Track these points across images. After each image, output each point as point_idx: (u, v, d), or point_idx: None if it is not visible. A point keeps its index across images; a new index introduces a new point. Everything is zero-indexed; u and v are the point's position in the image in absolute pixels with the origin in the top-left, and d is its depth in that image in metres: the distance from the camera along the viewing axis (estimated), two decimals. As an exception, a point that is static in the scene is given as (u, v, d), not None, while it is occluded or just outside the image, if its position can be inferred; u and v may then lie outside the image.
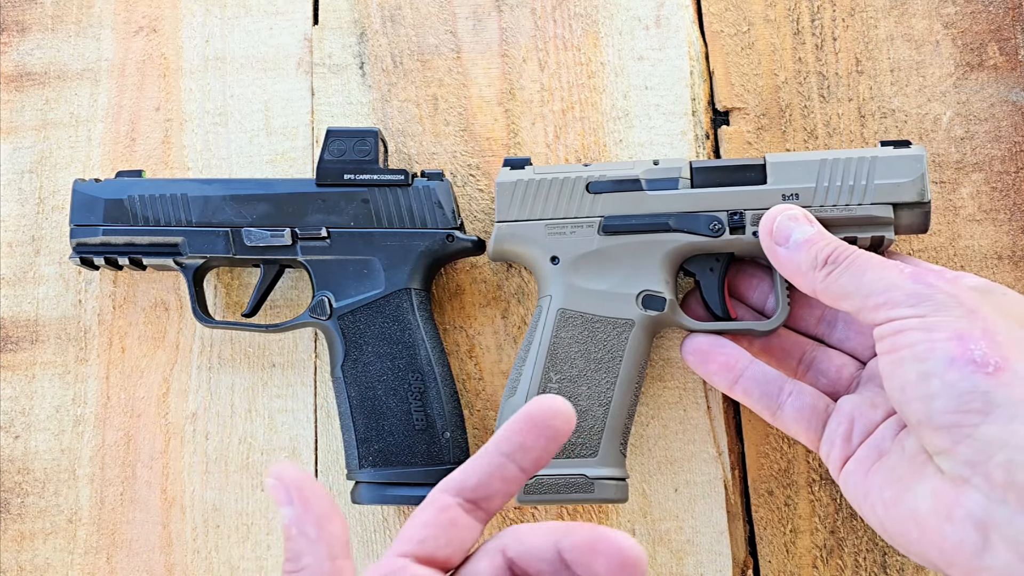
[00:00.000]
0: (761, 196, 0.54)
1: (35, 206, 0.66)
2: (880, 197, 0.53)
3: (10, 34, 0.69)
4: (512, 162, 0.57)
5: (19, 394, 0.63)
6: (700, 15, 0.66)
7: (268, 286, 0.60)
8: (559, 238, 0.55)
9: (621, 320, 0.54)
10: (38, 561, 0.60)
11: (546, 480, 0.52)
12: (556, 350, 0.54)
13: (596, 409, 0.53)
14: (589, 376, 0.53)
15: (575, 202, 0.55)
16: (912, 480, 0.44)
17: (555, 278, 0.55)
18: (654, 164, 0.56)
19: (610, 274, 0.54)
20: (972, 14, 0.65)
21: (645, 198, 0.55)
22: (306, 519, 0.37)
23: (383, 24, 0.67)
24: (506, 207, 0.56)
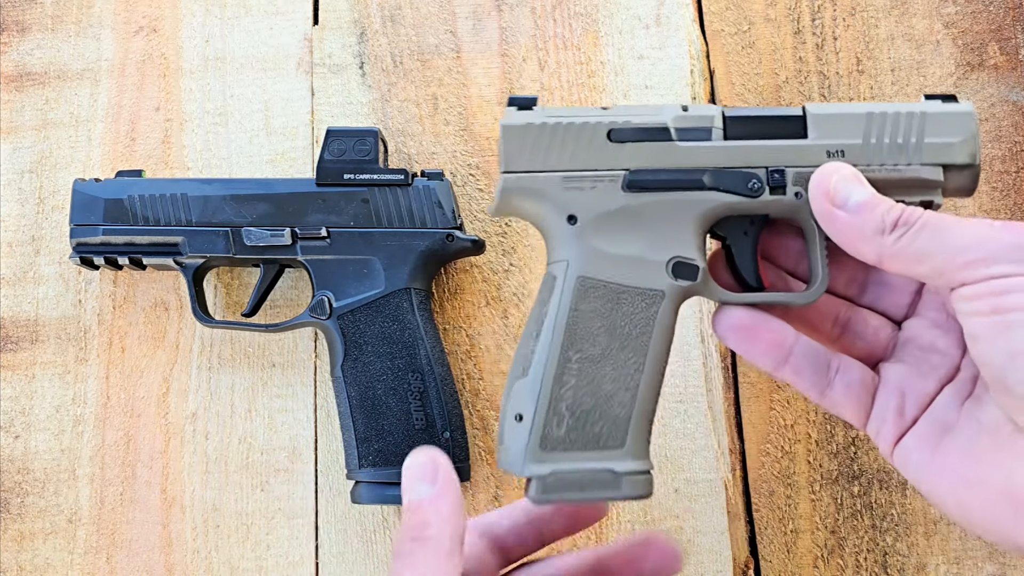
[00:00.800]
0: (804, 152, 0.48)
1: (35, 206, 0.66)
2: (931, 157, 0.47)
3: (10, 34, 0.69)
4: (518, 101, 0.49)
5: (19, 394, 0.63)
6: (700, 14, 0.66)
7: (268, 286, 0.60)
8: (577, 193, 0.47)
9: (651, 291, 0.47)
10: (38, 561, 0.60)
11: (568, 476, 0.45)
12: (576, 325, 0.46)
13: (623, 394, 0.46)
14: (614, 356, 0.46)
15: (595, 151, 0.48)
16: (1003, 457, 0.41)
17: (573, 240, 0.47)
18: (683, 110, 0.48)
19: (636, 237, 0.47)
20: (972, 14, 0.65)
21: (675, 149, 0.48)
22: (445, 498, 0.41)
23: (383, 24, 0.67)
24: (515, 155, 0.48)
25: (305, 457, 0.61)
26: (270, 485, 0.61)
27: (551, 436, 0.45)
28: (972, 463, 0.42)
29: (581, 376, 0.46)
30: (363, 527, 0.60)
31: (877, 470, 0.59)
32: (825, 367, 0.48)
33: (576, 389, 0.45)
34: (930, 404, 0.46)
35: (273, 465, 0.61)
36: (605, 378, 0.46)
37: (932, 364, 0.47)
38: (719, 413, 0.60)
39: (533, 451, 0.45)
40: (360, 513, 0.60)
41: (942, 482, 0.43)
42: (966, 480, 0.42)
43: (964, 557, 0.58)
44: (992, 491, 0.40)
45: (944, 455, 0.43)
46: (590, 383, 0.46)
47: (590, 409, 0.45)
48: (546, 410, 0.45)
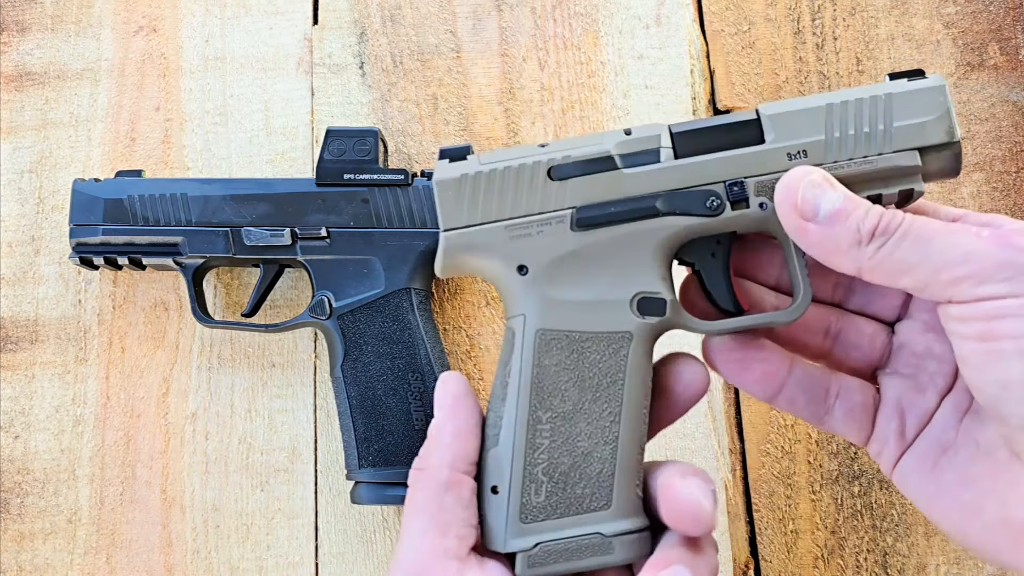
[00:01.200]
0: (763, 158, 0.44)
1: (35, 206, 0.66)
2: (904, 142, 0.43)
3: (10, 34, 0.69)
4: (449, 152, 0.45)
5: (19, 394, 0.63)
6: (701, 14, 0.66)
7: (268, 286, 0.60)
8: (524, 241, 0.44)
9: (617, 334, 0.43)
10: (38, 561, 0.60)
11: (554, 546, 0.42)
12: (541, 382, 0.43)
13: (601, 449, 0.43)
14: (587, 409, 0.43)
15: (537, 193, 0.44)
16: (998, 483, 0.39)
17: (527, 292, 0.44)
18: (626, 135, 0.44)
19: (594, 279, 0.44)
20: (973, 14, 0.65)
21: (622, 178, 0.44)
22: (447, 426, 0.42)
23: (383, 24, 0.67)
24: (453, 210, 0.44)
25: (305, 457, 0.61)
26: (270, 485, 0.61)
27: (530, 505, 0.42)
28: (969, 488, 0.40)
29: (555, 436, 0.43)
30: (363, 527, 0.60)
31: (877, 470, 0.59)
32: (823, 394, 0.46)
33: (551, 451, 0.42)
34: (928, 422, 0.44)
35: (273, 465, 0.61)
36: (580, 435, 0.43)
37: (929, 373, 0.45)
38: (719, 413, 0.60)
39: (513, 524, 0.42)
40: (360, 513, 0.60)
41: (939, 505, 0.42)
42: (963, 505, 0.40)
43: (964, 557, 0.58)
44: (989, 518, 0.39)
45: (940, 476, 0.42)
46: (565, 442, 0.42)
47: (568, 470, 0.42)
48: (521, 478, 0.42)
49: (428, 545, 0.40)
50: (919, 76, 0.44)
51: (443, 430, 0.42)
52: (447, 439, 0.41)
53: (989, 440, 0.40)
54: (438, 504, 0.40)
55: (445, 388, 0.43)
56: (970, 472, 0.40)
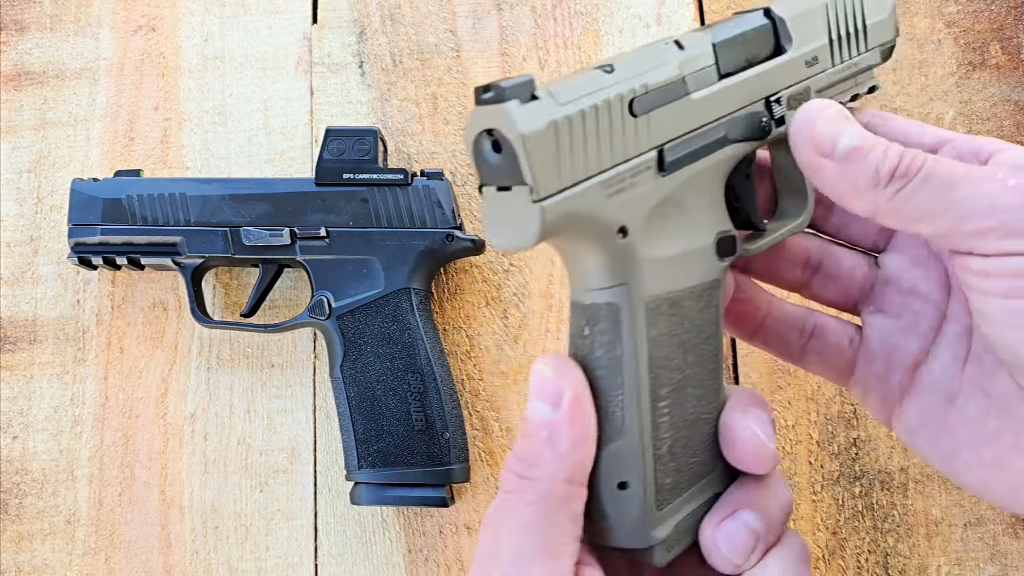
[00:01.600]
0: (789, 69, 0.40)
1: (33, 206, 0.65)
2: (873, 41, 0.43)
3: (8, 33, 0.68)
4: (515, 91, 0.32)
5: (17, 394, 0.63)
6: (701, 13, 0.66)
7: (267, 286, 0.60)
8: (620, 197, 0.35)
9: (707, 284, 0.38)
10: (36, 562, 0.60)
11: (684, 523, 0.38)
12: (656, 357, 0.37)
13: (706, 410, 0.38)
14: (693, 374, 0.38)
15: (621, 136, 0.35)
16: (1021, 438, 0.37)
17: (627, 257, 0.36)
18: (679, 47, 0.38)
19: (679, 228, 0.37)
20: (974, 13, 0.65)
21: (692, 105, 0.37)
22: (566, 430, 0.35)
23: (382, 23, 0.67)
24: (550, 170, 0.33)
25: (304, 458, 0.61)
26: (269, 486, 0.61)
27: (663, 491, 0.37)
28: (989, 445, 0.38)
29: (673, 412, 0.37)
30: (362, 528, 0.60)
31: (879, 471, 0.59)
32: (798, 332, 0.45)
33: (672, 428, 0.37)
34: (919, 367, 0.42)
35: (272, 466, 0.61)
36: (690, 401, 0.38)
37: (914, 313, 0.42)
38: (720, 414, 0.60)
39: (650, 517, 0.37)
40: (359, 514, 0.60)
41: (958, 462, 0.39)
42: (984, 463, 0.38)
43: (966, 558, 0.58)
44: (1015, 476, 0.37)
45: (956, 434, 0.39)
46: (681, 414, 0.38)
47: (687, 442, 0.38)
48: (654, 468, 0.37)
49: (539, 571, 0.34)
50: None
51: (561, 436, 0.34)
52: (565, 447, 0.34)
53: (1003, 392, 0.38)
54: (551, 523, 0.34)
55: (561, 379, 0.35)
56: (987, 427, 0.38)
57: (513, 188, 0.33)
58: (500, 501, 0.35)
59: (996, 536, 0.58)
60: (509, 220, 0.34)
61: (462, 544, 0.59)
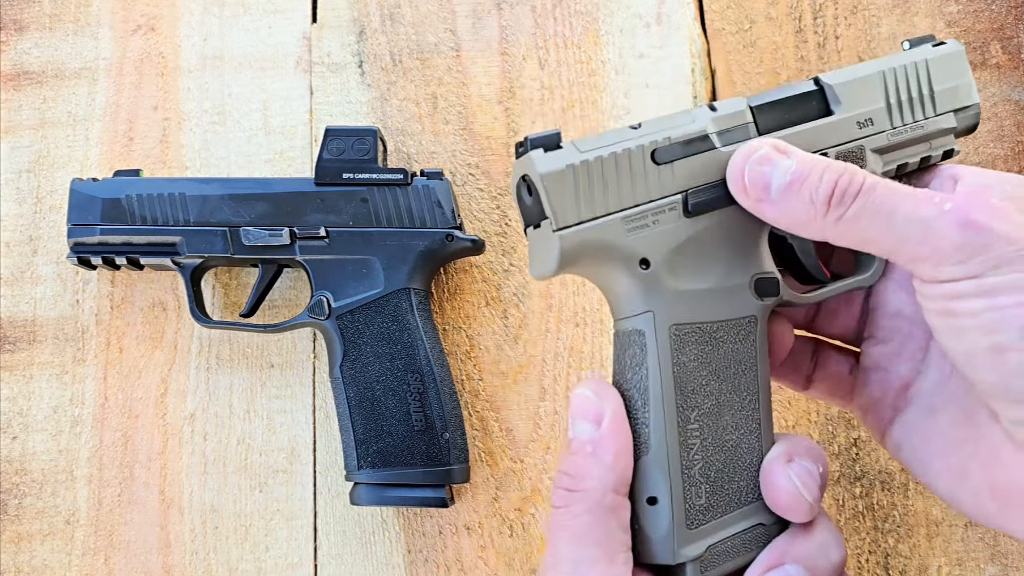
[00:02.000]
0: (837, 129, 0.44)
1: (33, 205, 0.65)
2: (944, 105, 0.45)
3: (8, 33, 0.68)
4: (541, 141, 0.41)
5: (17, 395, 0.62)
6: (702, 12, 0.66)
7: (266, 286, 0.60)
8: (643, 233, 0.41)
9: (744, 319, 0.42)
10: (36, 562, 0.60)
11: (722, 547, 0.41)
12: (683, 380, 0.41)
13: (749, 439, 0.42)
14: (729, 400, 0.42)
15: (644, 179, 0.41)
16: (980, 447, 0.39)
17: (651, 287, 0.41)
18: (712, 110, 0.43)
19: (711, 265, 0.42)
20: (974, 12, 0.65)
21: (721, 158, 0.42)
22: (609, 445, 0.38)
23: (382, 22, 0.67)
24: (566, 205, 0.40)
25: (304, 458, 0.61)
26: (269, 486, 0.61)
27: (694, 510, 0.40)
28: (955, 453, 0.40)
29: (704, 434, 0.41)
30: (362, 528, 0.60)
31: (879, 471, 0.59)
32: (806, 365, 0.48)
33: (704, 450, 0.41)
34: (910, 387, 0.44)
35: (272, 466, 0.61)
36: (727, 428, 0.42)
37: (903, 335, 0.44)
38: (720, 414, 0.60)
39: (681, 533, 0.40)
40: (359, 514, 0.60)
41: (931, 470, 0.41)
42: (951, 470, 0.40)
43: (966, 559, 0.58)
44: (975, 483, 0.39)
45: (930, 443, 0.42)
46: (715, 439, 0.41)
47: (723, 466, 0.41)
48: (681, 484, 0.40)
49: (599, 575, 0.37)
50: (931, 40, 0.46)
51: (605, 449, 0.38)
52: (609, 460, 0.38)
53: (971, 404, 0.40)
54: (604, 530, 0.37)
55: (602, 401, 0.39)
56: (954, 436, 0.40)
57: (542, 224, 0.41)
58: (554, 516, 0.38)
59: (996, 536, 0.58)
60: (539, 252, 0.41)
61: (462, 544, 0.59)
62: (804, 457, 0.41)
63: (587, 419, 0.39)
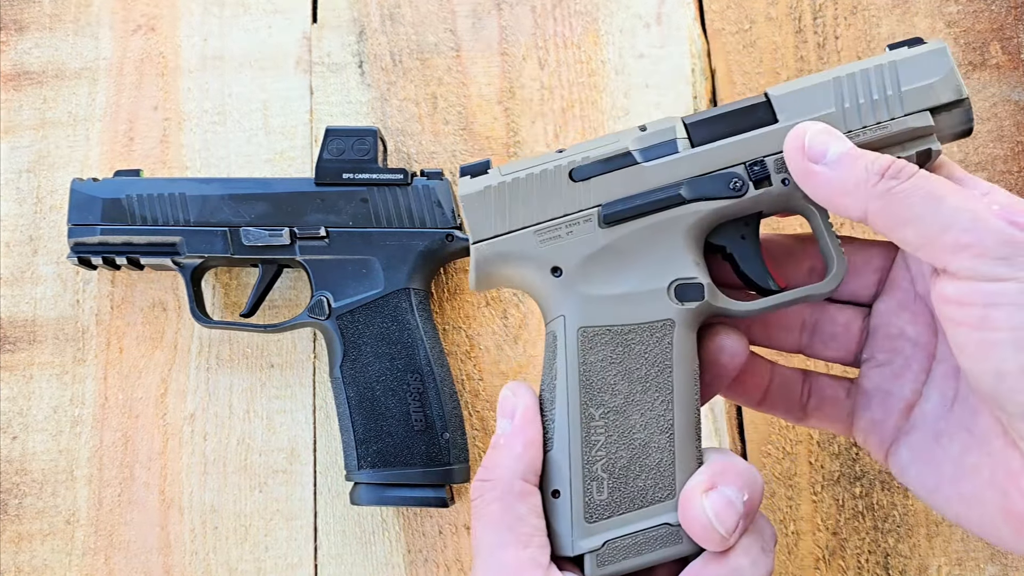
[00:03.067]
0: (778, 136, 0.44)
1: (33, 205, 0.65)
2: (914, 104, 0.44)
3: (8, 33, 0.68)
4: (470, 169, 0.46)
5: (17, 395, 0.62)
6: (702, 12, 0.66)
7: (266, 286, 0.60)
8: (555, 243, 0.45)
9: (658, 323, 0.44)
10: (36, 562, 0.60)
11: (622, 542, 0.42)
12: (589, 379, 0.43)
13: (659, 438, 0.43)
14: (639, 400, 0.43)
15: (561, 196, 0.45)
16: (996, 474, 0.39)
17: (563, 293, 0.44)
18: (641, 131, 0.45)
19: (628, 271, 0.44)
20: (974, 13, 0.65)
21: (643, 172, 0.45)
22: (519, 437, 0.41)
23: (382, 23, 0.67)
24: (480, 223, 0.45)
25: (304, 458, 0.61)
26: (269, 486, 0.61)
27: (593, 504, 0.42)
28: (968, 480, 0.40)
29: (609, 431, 0.43)
30: (362, 528, 0.60)
31: (879, 471, 0.59)
32: (798, 394, 0.47)
33: (607, 447, 0.42)
34: (912, 409, 0.44)
35: (272, 466, 0.61)
36: (635, 427, 0.43)
37: (905, 357, 0.44)
38: (720, 414, 0.60)
39: (579, 525, 0.42)
40: (359, 514, 0.60)
41: (940, 496, 0.41)
42: (963, 497, 0.40)
43: (966, 559, 0.58)
44: (991, 509, 0.39)
45: (940, 469, 0.41)
46: (621, 436, 0.43)
47: (628, 464, 0.42)
48: (581, 478, 0.42)
49: (512, 558, 0.39)
50: (919, 43, 0.45)
51: (515, 440, 0.41)
52: (518, 449, 0.41)
53: (983, 429, 0.40)
54: (515, 516, 0.39)
55: (516, 397, 0.42)
56: (966, 463, 0.40)
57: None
58: (472, 509, 0.41)
59: (996, 536, 0.58)
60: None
61: (462, 544, 0.59)
62: (730, 484, 0.40)
63: (505, 416, 0.42)
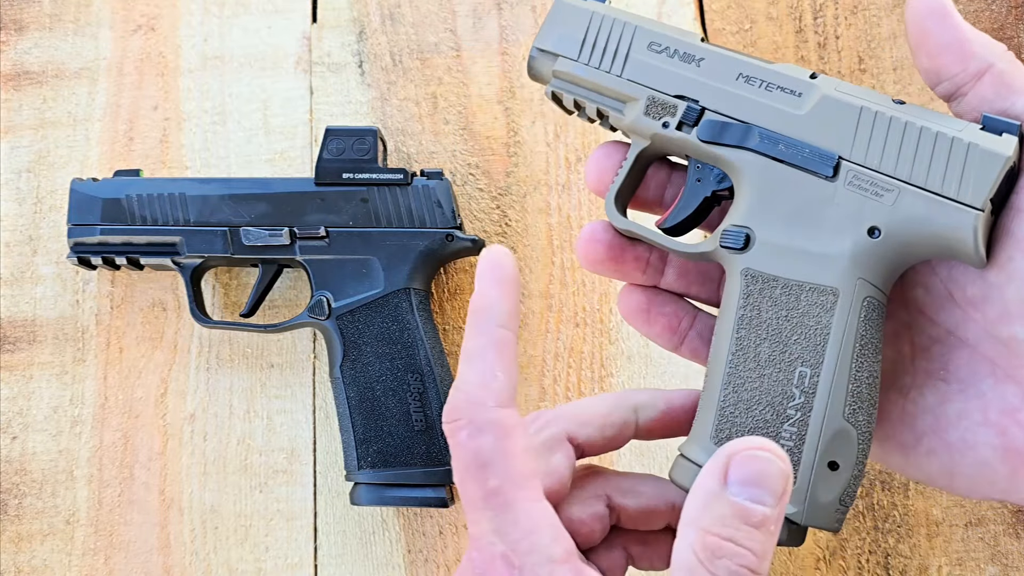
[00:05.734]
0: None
1: (33, 206, 0.65)
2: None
3: (8, 33, 0.68)
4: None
5: (16, 395, 0.62)
6: (702, 12, 0.66)
7: (266, 286, 0.60)
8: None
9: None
10: (36, 563, 0.60)
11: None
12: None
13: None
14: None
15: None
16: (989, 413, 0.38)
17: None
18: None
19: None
20: (974, 13, 0.65)
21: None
22: (779, 524, 0.34)
23: (382, 22, 0.67)
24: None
25: (304, 458, 0.61)
26: (269, 486, 0.61)
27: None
28: (954, 427, 0.39)
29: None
30: (362, 529, 0.60)
31: (879, 471, 0.59)
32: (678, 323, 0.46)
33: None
34: None
35: (272, 466, 0.61)
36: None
37: None
38: (720, 414, 0.60)
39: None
40: (359, 515, 0.60)
41: (919, 452, 0.40)
42: (949, 445, 0.39)
43: (966, 559, 0.57)
44: (983, 453, 0.38)
45: (913, 423, 0.40)
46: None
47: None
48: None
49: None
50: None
51: (777, 527, 0.34)
52: (775, 539, 0.34)
53: (965, 374, 0.39)
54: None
55: (788, 480, 0.34)
56: (949, 412, 0.39)
57: None
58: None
59: (997, 536, 0.58)
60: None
61: (462, 544, 0.59)
62: None
63: (771, 493, 0.33)
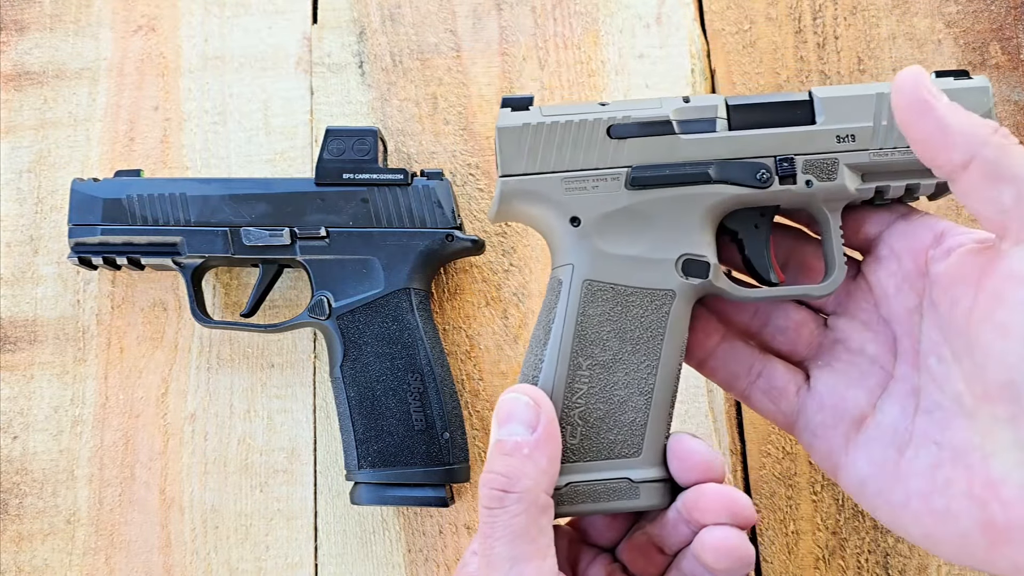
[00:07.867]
0: (813, 138, 0.45)
1: (33, 206, 0.65)
2: None
3: (9, 33, 0.68)
4: (512, 101, 0.47)
5: (17, 394, 0.63)
6: (701, 13, 0.66)
7: (267, 286, 0.60)
8: (579, 194, 0.45)
9: (660, 291, 0.45)
10: (36, 562, 0.60)
11: (583, 487, 0.44)
12: (585, 331, 0.45)
13: (636, 399, 0.44)
14: (626, 360, 0.45)
15: (595, 150, 0.46)
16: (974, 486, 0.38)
17: (577, 243, 0.45)
18: (684, 102, 0.46)
19: (642, 236, 0.45)
20: (974, 13, 0.65)
21: (679, 143, 0.46)
22: (543, 450, 0.40)
23: (382, 23, 0.67)
24: (513, 158, 0.46)
25: (304, 458, 0.61)
26: (269, 486, 0.61)
27: (564, 447, 0.43)
28: (941, 495, 0.39)
29: (592, 383, 0.44)
30: (362, 528, 0.60)
31: (878, 471, 0.59)
32: (746, 370, 0.47)
33: (588, 397, 0.44)
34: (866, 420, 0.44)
35: (272, 466, 0.61)
36: (617, 384, 0.45)
37: (862, 371, 0.45)
38: (720, 413, 0.60)
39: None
40: (359, 514, 0.60)
41: (908, 512, 0.41)
42: (934, 512, 0.39)
43: (966, 558, 0.58)
44: (965, 524, 0.38)
45: (905, 483, 0.41)
46: (602, 390, 0.44)
47: (603, 416, 0.44)
48: (559, 420, 0.43)
49: (534, 570, 0.39)
50: (964, 76, 0.45)
51: (540, 453, 0.40)
52: (544, 464, 0.40)
53: (957, 442, 0.39)
54: (538, 528, 0.39)
55: (539, 407, 0.41)
56: (938, 477, 0.40)
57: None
58: (489, 517, 0.39)
59: (996, 536, 0.58)
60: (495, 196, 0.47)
61: (462, 544, 0.59)
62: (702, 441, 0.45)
63: (521, 423, 0.41)
